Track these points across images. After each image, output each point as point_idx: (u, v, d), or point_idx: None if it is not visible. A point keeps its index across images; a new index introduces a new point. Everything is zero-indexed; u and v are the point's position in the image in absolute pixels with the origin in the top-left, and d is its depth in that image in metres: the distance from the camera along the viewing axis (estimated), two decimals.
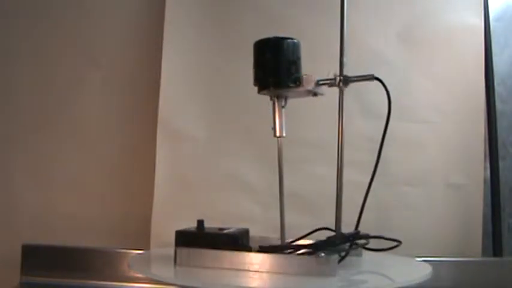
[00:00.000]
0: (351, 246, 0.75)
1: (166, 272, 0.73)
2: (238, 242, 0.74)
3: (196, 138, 1.09)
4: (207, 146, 1.08)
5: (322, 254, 0.67)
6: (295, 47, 0.78)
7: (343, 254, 0.72)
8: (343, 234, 0.77)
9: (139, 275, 0.97)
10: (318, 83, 0.78)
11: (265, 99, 0.81)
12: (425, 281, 0.68)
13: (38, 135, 1.16)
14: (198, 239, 0.74)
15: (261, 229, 0.80)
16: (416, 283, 0.66)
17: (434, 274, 0.71)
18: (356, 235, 0.77)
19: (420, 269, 0.74)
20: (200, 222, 0.77)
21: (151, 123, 1.08)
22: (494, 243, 1.09)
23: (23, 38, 1.18)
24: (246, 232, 0.78)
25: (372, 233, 1.05)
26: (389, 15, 1.11)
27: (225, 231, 0.76)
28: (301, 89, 0.76)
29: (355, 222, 1.05)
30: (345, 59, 0.78)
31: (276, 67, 0.76)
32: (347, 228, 0.80)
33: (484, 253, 1.06)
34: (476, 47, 1.10)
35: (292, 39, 0.78)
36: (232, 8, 1.11)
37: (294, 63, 0.77)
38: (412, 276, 0.69)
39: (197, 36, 1.10)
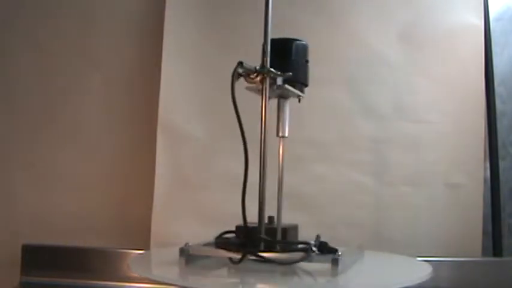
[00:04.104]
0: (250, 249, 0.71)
1: (167, 273, 0.73)
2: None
3: (196, 138, 1.09)
4: (207, 146, 1.08)
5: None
6: (304, 48, 0.78)
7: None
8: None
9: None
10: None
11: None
12: (425, 281, 0.68)
13: (38, 135, 1.16)
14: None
15: None
16: (416, 283, 0.66)
17: (434, 274, 0.71)
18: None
19: (420, 269, 0.74)
20: (271, 218, 0.77)
21: (151, 123, 1.08)
22: (494, 243, 1.09)
23: (23, 39, 1.18)
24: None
25: (372, 233, 1.06)
26: (389, 16, 1.11)
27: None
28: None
29: (355, 222, 1.05)
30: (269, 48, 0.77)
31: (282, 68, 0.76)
32: (347, 227, 0.80)
33: (484, 253, 1.06)
34: (476, 47, 1.10)
35: (301, 40, 0.78)
36: (232, 8, 1.11)
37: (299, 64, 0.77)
38: (412, 276, 0.69)
39: (197, 37, 1.10)
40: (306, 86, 0.80)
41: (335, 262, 0.64)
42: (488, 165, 1.11)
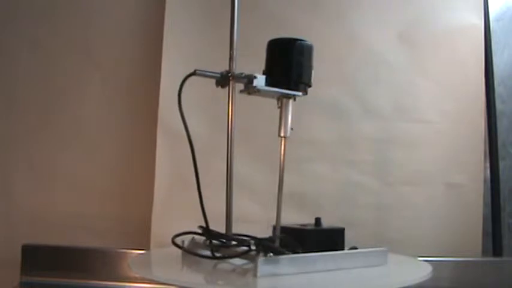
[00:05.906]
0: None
1: (167, 273, 0.73)
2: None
3: (196, 138, 1.08)
4: (207, 146, 1.08)
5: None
6: (308, 48, 0.78)
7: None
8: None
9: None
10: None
11: (266, 99, 0.81)
12: (425, 281, 0.68)
13: (38, 135, 1.16)
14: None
15: (261, 229, 0.80)
16: (416, 283, 0.66)
17: (434, 274, 0.71)
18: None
19: (420, 269, 0.74)
20: (318, 220, 0.78)
21: (151, 123, 1.08)
22: (494, 243, 1.09)
23: (23, 38, 1.18)
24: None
25: (372, 233, 1.06)
26: (390, 16, 1.11)
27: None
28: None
29: (355, 222, 1.05)
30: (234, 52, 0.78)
31: (287, 68, 0.76)
32: (347, 227, 0.80)
33: (484, 253, 1.07)
34: (476, 47, 1.10)
35: (304, 40, 0.78)
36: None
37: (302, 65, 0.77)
38: (412, 276, 0.69)
39: (197, 37, 1.10)
40: (309, 86, 0.79)
41: (255, 263, 0.64)
42: (488, 165, 1.12)
